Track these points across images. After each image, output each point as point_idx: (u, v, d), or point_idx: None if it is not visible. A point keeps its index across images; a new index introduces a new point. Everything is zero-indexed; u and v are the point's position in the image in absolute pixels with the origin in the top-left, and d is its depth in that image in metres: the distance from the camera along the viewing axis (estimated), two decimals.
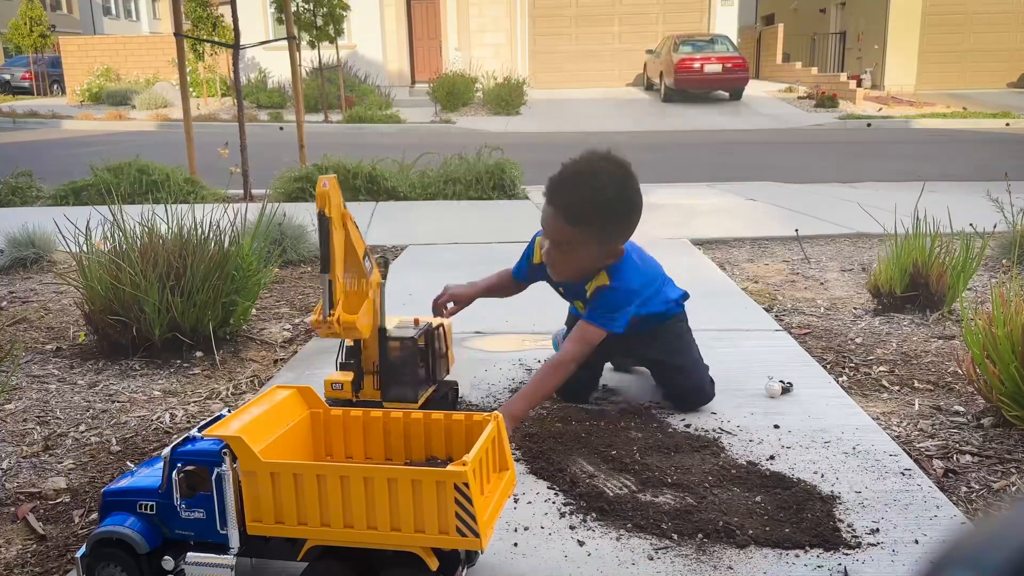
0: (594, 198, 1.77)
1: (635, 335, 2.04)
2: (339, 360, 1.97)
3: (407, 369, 1.90)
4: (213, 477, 1.27)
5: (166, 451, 1.31)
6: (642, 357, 2.22)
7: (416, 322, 1.97)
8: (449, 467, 1.23)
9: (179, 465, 1.29)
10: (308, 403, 1.52)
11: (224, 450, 1.27)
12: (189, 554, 1.30)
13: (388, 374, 1.90)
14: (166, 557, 1.31)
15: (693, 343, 2.16)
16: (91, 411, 2.17)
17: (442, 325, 2.03)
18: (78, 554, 1.34)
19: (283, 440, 1.42)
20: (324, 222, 1.70)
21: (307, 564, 1.28)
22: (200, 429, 1.34)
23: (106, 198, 3.41)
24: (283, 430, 1.43)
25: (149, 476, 1.37)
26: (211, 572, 1.29)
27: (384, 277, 1.89)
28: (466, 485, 1.21)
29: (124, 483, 1.39)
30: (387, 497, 1.23)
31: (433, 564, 1.24)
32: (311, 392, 1.53)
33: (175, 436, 1.97)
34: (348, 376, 1.93)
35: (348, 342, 1.94)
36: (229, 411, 1.41)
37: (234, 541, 1.29)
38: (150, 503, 1.32)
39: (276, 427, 1.42)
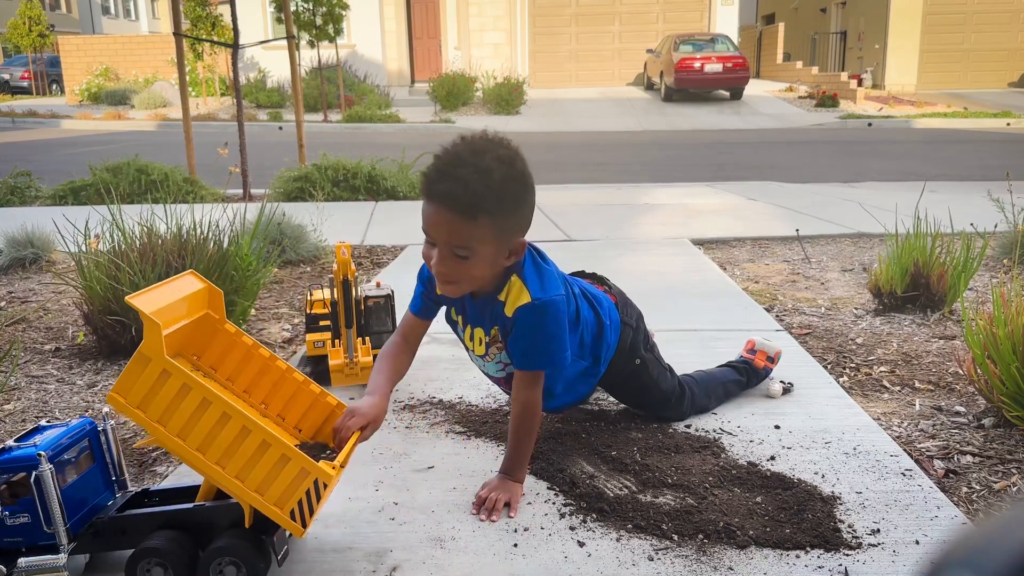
0: (485, 180, 1.51)
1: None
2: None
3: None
4: (32, 480, 1.26)
5: None
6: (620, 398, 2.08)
7: (378, 284, 2.34)
8: (321, 463, 1.29)
9: None
10: (210, 304, 1.52)
11: (40, 452, 1.26)
12: (20, 560, 1.29)
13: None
14: None
15: (654, 370, 1.96)
16: (90, 411, 2.17)
17: None
18: None
19: (180, 332, 1.43)
20: (348, 286, 2.15)
21: (142, 543, 1.30)
22: (16, 440, 1.33)
23: (105, 198, 3.41)
24: (184, 323, 1.44)
25: None
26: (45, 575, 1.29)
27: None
28: (324, 486, 1.29)
29: None
30: (252, 451, 1.27)
31: (249, 523, 1.30)
32: (219, 296, 1.52)
33: None
34: (326, 335, 2.27)
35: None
36: (85, 417, 1.44)
37: (63, 538, 1.28)
38: None
39: (179, 317, 1.42)
